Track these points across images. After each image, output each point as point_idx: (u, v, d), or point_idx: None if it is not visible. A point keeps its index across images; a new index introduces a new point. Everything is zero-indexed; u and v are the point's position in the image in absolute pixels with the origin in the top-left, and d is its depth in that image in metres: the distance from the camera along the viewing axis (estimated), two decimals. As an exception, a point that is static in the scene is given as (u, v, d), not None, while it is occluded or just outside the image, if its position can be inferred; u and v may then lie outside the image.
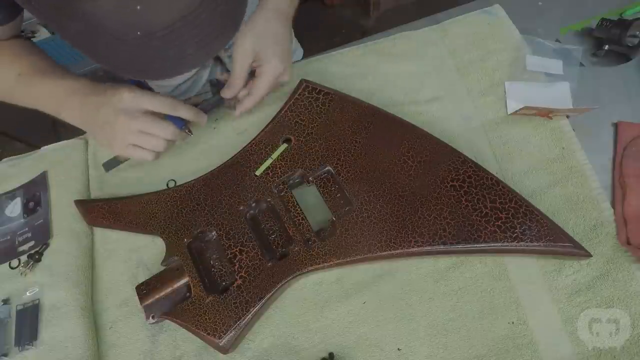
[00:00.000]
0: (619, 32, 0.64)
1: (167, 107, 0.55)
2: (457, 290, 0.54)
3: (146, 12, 0.32)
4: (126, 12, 0.31)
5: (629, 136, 0.59)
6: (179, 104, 0.56)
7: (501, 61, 0.67)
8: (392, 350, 0.52)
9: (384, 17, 1.81)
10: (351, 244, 0.53)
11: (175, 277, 0.55)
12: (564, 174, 0.58)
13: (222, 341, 0.51)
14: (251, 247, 0.55)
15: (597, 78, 0.65)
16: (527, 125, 0.62)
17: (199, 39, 0.35)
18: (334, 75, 0.69)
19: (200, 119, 0.59)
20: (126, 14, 0.32)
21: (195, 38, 0.35)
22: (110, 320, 0.58)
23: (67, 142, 0.70)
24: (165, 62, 0.37)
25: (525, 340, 0.51)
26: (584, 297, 0.52)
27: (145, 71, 0.39)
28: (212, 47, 0.38)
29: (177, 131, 0.57)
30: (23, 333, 0.56)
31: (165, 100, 0.55)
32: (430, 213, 0.53)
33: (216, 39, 0.37)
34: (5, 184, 0.67)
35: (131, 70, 0.38)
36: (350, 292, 0.55)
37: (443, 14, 0.74)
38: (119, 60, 0.36)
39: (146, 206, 0.60)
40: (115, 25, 0.33)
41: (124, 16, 0.32)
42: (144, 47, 0.34)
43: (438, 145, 0.57)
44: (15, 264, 0.60)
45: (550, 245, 0.50)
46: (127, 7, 0.31)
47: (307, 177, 0.58)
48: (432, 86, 0.67)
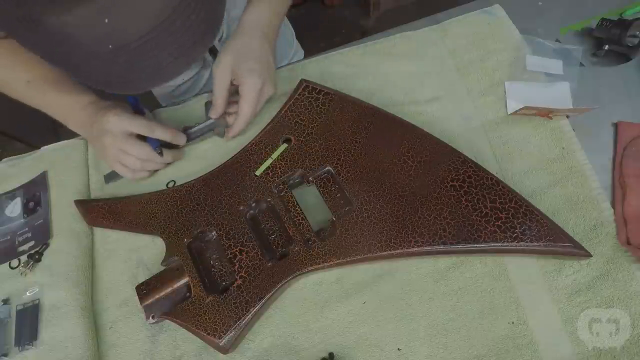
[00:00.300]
0: (619, 32, 0.64)
1: (144, 129, 0.59)
2: (457, 290, 0.54)
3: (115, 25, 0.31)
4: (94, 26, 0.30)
5: (629, 136, 0.59)
6: (156, 126, 0.60)
7: (501, 61, 0.67)
8: (392, 350, 0.52)
9: (384, 17, 1.81)
10: (351, 244, 0.53)
11: (175, 277, 0.55)
12: (564, 174, 0.58)
13: (222, 341, 0.51)
14: (251, 247, 0.55)
15: (597, 78, 0.65)
16: (527, 125, 0.62)
17: (175, 48, 0.34)
18: (334, 75, 0.69)
19: (178, 140, 0.62)
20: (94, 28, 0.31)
21: (171, 47, 0.34)
22: (110, 320, 0.58)
23: (67, 142, 0.70)
24: (142, 74, 0.36)
25: (525, 340, 0.51)
26: (584, 297, 0.52)
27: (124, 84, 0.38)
28: (191, 54, 0.37)
29: (151, 152, 0.61)
30: (23, 333, 0.56)
31: (143, 122, 0.59)
32: (430, 213, 0.53)
33: (194, 46, 0.36)
34: (5, 184, 0.67)
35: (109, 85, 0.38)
36: (350, 292, 0.55)
37: (443, 14, 0.74)
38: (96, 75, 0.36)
39: (146, 206, 0.60)
40: (85, 40, 0.32)
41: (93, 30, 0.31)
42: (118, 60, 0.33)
43: (438, 145, 0.57)
44: (15, 264, 0.60)
45: (550, 245, 0.50)
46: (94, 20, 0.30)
47: (307, 177, 0.58)
48: (432, 86, 0.67)
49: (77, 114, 0.61)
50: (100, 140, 0.60)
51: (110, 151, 0.60)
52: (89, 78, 0.37)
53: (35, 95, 0.61)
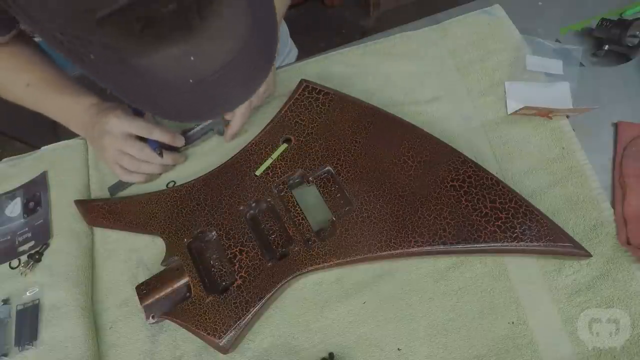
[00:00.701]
0: (619, 32, 0.64)
1: (143, 130, 0.60)
2: (457, 290, 0.54)
3: (198, 62, 0.33)
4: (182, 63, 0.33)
5: (629, 136, 0.59)
6: (154, 128, 0.60)
7: (501, 61, 0.67)
8: (392, 350, 0.52)
9: (384, 17, 1.81)
10: (351, 244, 0.53)
11: (175, 277, 0.55)
12: (564, 174, 0.58)
13: (222, 341, 0.51)
14: (251, 247, 0.55)
15: (597, 78, 0.65)
16: (527, 125, 0.62)
17: (241, 80, 0.38)
18: (334, 75, 0.69)
19: (176, 142, 0.63)
20: (181, 65, 0.33)
21: (239, 79, 0.37)
22: (110, 320, 0.58)
23: (67, 142, 0.70)
24: (213, 103, 0.39)
25: (525, 340, 0.51)
26: (584, 297, 0.52)
27: (193, 113, 0.41)
28: (253, 85, 0.40)
29: (151, 153, 0.61)
30: (23, 333, 0.56)
31: (142, 124, 0.60)
32: (430, 213, 0.53)
33: (255, 77, 0.40)
34: (5, 184, 0.67)
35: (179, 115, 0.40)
36: (350, 292, 0.55)
37: (443, 14, 0.74)
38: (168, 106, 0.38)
39: (146, 206, 0.60)
40: (171, 77, 0.34)
41: (180, 68, 0.33)
42: (196, 93, 0.36)
43: (438, 145, 0.57)
44: (16, 264, 0.60)
45: (550, 245, 0.50)
46: (183, 59, 0.33)
47: (307, 177, 0.58)
48: (432, 86, 0.67)
49: (79, 115, 0.62)
50: (100, 141, 0.60)
51: (110, 152, 0.60)
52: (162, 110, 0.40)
53: (35, 97, 0.62)
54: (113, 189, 0.65)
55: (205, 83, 0.35)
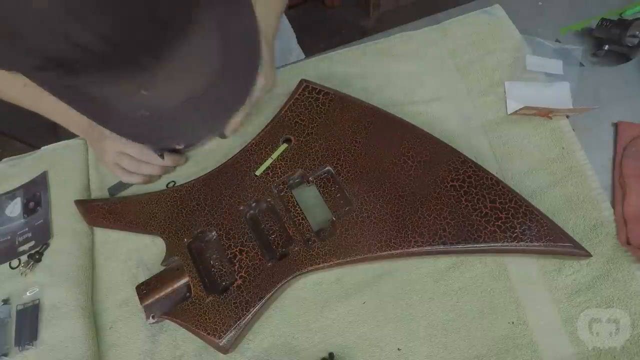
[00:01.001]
0: (619, 32, 0.63)
1: None
2: (457, 290, 0.54)
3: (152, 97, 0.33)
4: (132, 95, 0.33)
5: (629, 136, 0.59)
6: None
7: (501, 61, 0.67)
8: (392, 350, 0.52)
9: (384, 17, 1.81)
10: (351, 244, 0.53)
11: (175, 277, 0.55)
12: (564, 174, 0.58)
13: (222, 341, 0.51)
14: (251, 247, 0.55)
15: (597, 78, 0.65)
16: (527, 125, 0.62)
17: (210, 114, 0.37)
18: (334, 75, 0.69)
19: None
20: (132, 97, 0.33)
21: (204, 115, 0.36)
22: (110, 320, 0.58)
23: (67, 142, 0.70)
24: (175, 134, 0.38)
25: (525, 340, 0.51)
26: (584, 297, 0.52)
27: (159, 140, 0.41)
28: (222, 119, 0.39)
29: (151, 154, 0.61)
30: (23, 333, 0.56)
31: None
32: (430, 213, 0.53)
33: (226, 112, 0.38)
34: (5, 184, 0.67)
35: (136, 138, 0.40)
36: (350, 292, 0.55)
37: (443, 14, 0.74)
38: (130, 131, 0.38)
39: (146, 206, 0.60)
40: (123, 107, 0.34)
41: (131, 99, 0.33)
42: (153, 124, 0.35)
43: (438, 145, 0.57)
44: (16, 264, 0.60)
45: (550, 245, 0.50)
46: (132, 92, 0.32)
47: (307, 177, 0.58)
48: (432, 86, 0.67)
49: (79, 117, 0.60)
50: (100, 143, 0.60)
51: (110, 154, 0.60)
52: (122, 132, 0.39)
53: (34, 98, 0.61)
54: (113, 189, 0.65)
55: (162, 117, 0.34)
